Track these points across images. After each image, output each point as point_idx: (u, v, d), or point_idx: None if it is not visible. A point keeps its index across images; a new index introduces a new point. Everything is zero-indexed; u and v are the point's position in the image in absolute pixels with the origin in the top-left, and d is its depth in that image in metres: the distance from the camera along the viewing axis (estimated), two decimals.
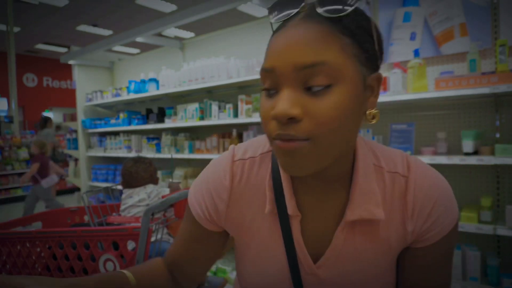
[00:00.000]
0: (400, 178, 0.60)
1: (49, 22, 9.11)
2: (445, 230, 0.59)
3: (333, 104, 0.47)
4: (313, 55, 0.47)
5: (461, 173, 2.35)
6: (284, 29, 0.50)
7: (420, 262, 0.62)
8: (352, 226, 0.60)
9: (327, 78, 0.47)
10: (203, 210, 0.67)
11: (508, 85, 1.84)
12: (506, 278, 1.93)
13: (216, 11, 3.04)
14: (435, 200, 0.58)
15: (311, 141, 0.48)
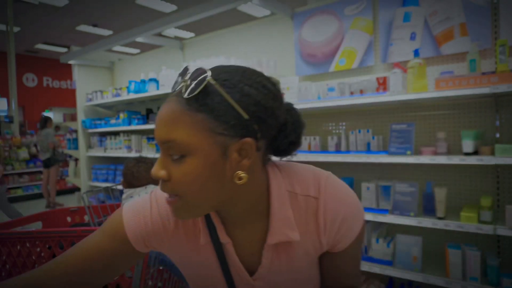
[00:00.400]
0: (312, 200, 0.68)
1: (49, 22, 9.11)
2: (353, 237, 0.71)
3: (185, 171, 0.58)
4: (166, 134, 0.58)
5: (461, 173, 2.35)
6: (164, 102, 0.61)
7: (337, 262, 0.75)
8: (275, 247, 0.70)
9: (178, 151, 0.57)
10: (147, 229, 0.71)
11: (508, 85, 1.84)
12: (506, 278, 1.93)
13: (216, 11, 3.04)
14: (341, 217, 0.68)
15: (179, 197, 0.60)
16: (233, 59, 3.26)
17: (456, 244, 2.14)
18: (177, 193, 0.60)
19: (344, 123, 2.86)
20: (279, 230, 0.67)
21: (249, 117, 0.57)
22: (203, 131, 0.56)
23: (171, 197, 0.61)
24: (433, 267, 2.23)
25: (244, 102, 0.57)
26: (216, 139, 0.57)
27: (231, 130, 0.57)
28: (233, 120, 0.57)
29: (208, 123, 0.56)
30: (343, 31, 2.80)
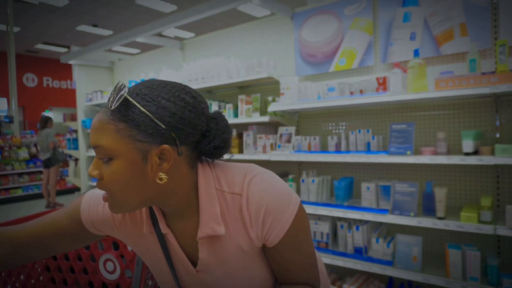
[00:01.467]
0: (237, 197, 0.74)
1: (49, 22, 9.11)
2: (284, 230, 0.73)
3: (112, 172, 0.67)
4: (95, 139, 0.67)
5: (461, 173, 2.35)
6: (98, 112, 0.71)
7: (279, 257, 0.77)
8: (210, 241, 0.76)
9: (105, 154, 0.67)
10: (97, 217, 0.83)
11: (508, 85, 1.84)
12: (506, 278, 1.93)
13: (216, 11, 3.04)
14: (264, 210, 0.72)
15: (109, 194, 0.69)
16: (233, 59, 3.26)
17: (456, 244, 2.14)
18: (107, 190, 0.69)
19: (344, 123, 2.86)
20: (207, 224, 0.73)
21: (165, 126, 0.66)
22: (125, 138, 0.65)
23: (106, 194, 0.70)
24: (433, 267, 2.23)
25: (160, 114, 0.66)
26: (136, 145, 0.66)
27: (150, 138, 0.66)
28: (150, 129, 0.65)
29: (128, 131, 0.65)
30: (343, 31, 2.80)
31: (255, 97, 3.07)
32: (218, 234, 0.74)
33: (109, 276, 1.40)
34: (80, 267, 1.45)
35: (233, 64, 3.22)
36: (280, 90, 2.78)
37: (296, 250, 0.77)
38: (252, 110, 3.07)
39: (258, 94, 3.10)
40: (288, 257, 0.77)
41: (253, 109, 3.07)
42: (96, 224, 0.83)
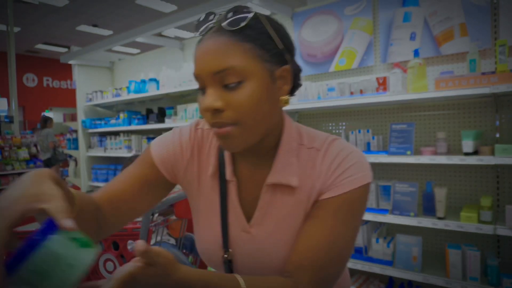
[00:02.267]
0: (315, 152, 0.72)
1: (49, 22, 9.10)
2: (351, 184, 0.67)
3: (247, 95, 0.62)
4: (222, 63, 0.61)
5: (461, 173, 2.35)
6: (201, 42, 0.65)
7: (316, 220, 0.69)
8: (273, 190, 0.72)
9: (236, 77, 0.61)
10: (168, 155, 0.78)
11: (508, 85, 1.84)
12: (506, 278, 1.93)
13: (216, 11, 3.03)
14: (340, 160, 0.69)
15: (239, 125, 0.63)
16: None
17: (456, 244, 2.14)
18: (236, 120, 0.62)
19: (344, 123, 2.86)
20: (280, 172, 0.71)
21: (283, 47, 0.66)
22: (254, 58, 0.62)
23: (226, 127, 0.63)
24: (433, 267, 2.23)
25: (279, 34, 0.65)
26: (265, 65, 0.63)
27: (274, 58, 0.64)
28: (273, 49, 0.64)
29: (255, 51, 0.62)
30: (343, 31, 2.80)
31: None
32: (290, 185, 0.70)
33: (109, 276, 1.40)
34: None
35: None
36: None
37: (338, 223, 0.67)
38: None
39: None
40: (323, 226, 0.67)
41: None
42: (167, 164, 0.78)
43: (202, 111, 0.64)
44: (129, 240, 1.39)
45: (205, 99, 0.63)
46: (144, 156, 0.80)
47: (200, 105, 0.65)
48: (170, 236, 1.78)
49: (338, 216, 0.68)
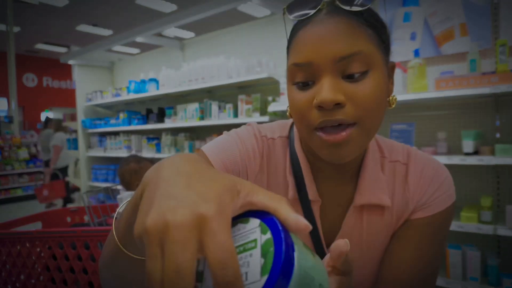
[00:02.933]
0: (400, 166, 0.64)
1: (49, 22, 9.11)
2: (446, 201, 0.61)
3: (372, 88, 0.51)
4: (349, 47, 0.49)
5: (461, 173, 2.35)
6: (312, 24, 0.52)
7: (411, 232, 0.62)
8: (360, 212, 0.63)
9: (363, 65, 0.50)
10: (235, 161, 0.62)
11: (508, 85, 1.84)
12: (506, 278, 1.93)
13: (216, 11, 3.04)
14: (431, 178, 0.62)
15: (358, 125, 0.51)
16: (233, 59, 3.26)
17: (456, 244, 2.14)
18: (357, 118, 0.51)
19: None
20: (369, 191, 0.61)
21: (388, 42, 0.56)
22: (377, 46, 0.52)
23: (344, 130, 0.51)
24: None
25: (387, 27, 0.57)
26: (383, 56, 0.54)
27: (387, 50, 0.55)
28: (386, 40, 0.55)
29: (376, 39, 0.53)
30: None
31: (255, 97, 3.07)
32: (382, 204, 0.61)
33: None
34: (80, 267, 1.45)
35: (233, 64, 3.22)
36: (280, 90, 2.78)
37: (432, 244, 0.61)
38: (252, 110, 3.07)
39: (258, 94, 3.10)
40: (417, 249, 0.60)
41: (253, 109, 3.07)
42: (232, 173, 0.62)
43: (305, 109, 0.52)
44: None
45: (321, 91, 0.49)
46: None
47: (301, 101, 0.52)
48: None
49: (431, 237, 0.62)
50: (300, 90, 0.53)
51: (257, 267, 0.30)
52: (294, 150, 0.64)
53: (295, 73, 0.53)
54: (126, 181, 1.89)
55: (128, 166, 1.89)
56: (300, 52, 0.52)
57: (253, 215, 0.34)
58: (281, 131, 0.68)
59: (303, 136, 0.56)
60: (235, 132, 0.66)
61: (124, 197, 1.82)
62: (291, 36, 0.56)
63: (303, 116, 0.53)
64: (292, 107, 0.54)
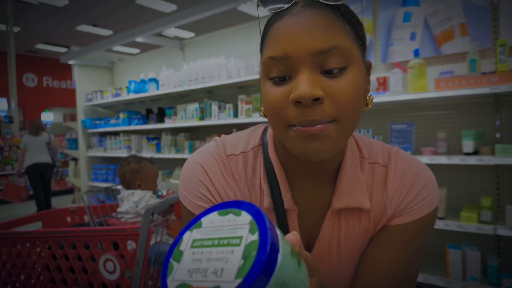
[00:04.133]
0: (380, 168, 0.62)
1: (49, 22, 9.11)
2: (427, 207, 0.59)
3: (351, 84, 0.49)
4: (328, 40, 0.48)
5: (461, 173, 2.35)
6: (288, 17, 0.50)
7: (385, 248, 0.60)
8: (337, 216, 0.61)
9: (342, 61, 0.48)
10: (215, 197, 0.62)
11: (508, 85, 1.84)
12: (506, 278, 1.93)
13: (216, 11, 3.04)
14: (411, 182, 0.60)
15: (335, 122, 0.49)
16: (233, 59, 3.26)
17: (456, 244, 2.14)
18: (335, 115, 0.49)
19: None
20: (346, 194, 0.59)
21: (364, 41, 0.54)
22: (353, 41, 0.50)
23: (323, 124, 0.48)
24: (433, 267, 2.23)
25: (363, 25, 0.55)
26: (360, 53, 0.52)
27: (363, 48, 0.54)
28: (363, 37, 0.54)
29: (353, 35, 0.51)
30: None
31: (255, 97, 3.07)
32: (361, 207, 0.59)
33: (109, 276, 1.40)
34: (80, 267, 1.45)
35: (233, 64, 3.22)
36: None
37: (411, 250, 0.60)
38: (252, 110, 3.07)
39: (258, 94, 3.10)
40: (396, 255, 0.59)
41: (253, 109, 3.07)
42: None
43: (281, 105, 0.50)
44: (129, 240, 1.39)
45: (299, 86, 0.47)
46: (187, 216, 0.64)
47: (276, 97, 0.50)
48: (170, 237, 1.78)
49: (410, 243, 0.60)
50: (276, 85, 0.51)
51: (234, 267, 0.30)
52: (268, 158, 0.62)
53: (271, 67, 0.50)
54: (126, 181, 1.89)
55: (129, 166, 1.89)
56: (277, 44, 0.49)
57: (247, 207, 0.34)
58: (253, 141, 0.66)
59: (278, 133, 0.53)
60: (198, 161, 0.63)
61: (125, 197, 1.82)
62: (266, 29, 0.54)
63: (278, 112, 0.50)
64: (267, 103, 0.52)
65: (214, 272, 0.30)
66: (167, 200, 1.43)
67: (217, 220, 0.35)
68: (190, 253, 0.34)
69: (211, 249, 0.32)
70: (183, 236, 0.36)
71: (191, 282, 0.31)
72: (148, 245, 1.35)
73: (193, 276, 0.31)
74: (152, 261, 1.52)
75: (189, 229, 0.37)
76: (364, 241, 0.63)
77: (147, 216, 1.35)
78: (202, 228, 0.36)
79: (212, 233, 0.34)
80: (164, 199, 1.43)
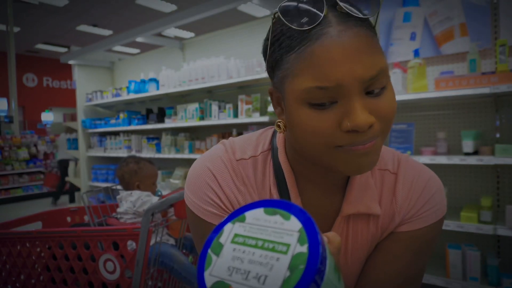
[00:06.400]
0: (389, 175, 0.62)
1: (49, 22, 9.10)
2: (435, 215, 0.60)
3: (391, 99, 0.50)
4: (376, 65, 0.47)
5: (461, 173, 2.35)
6: (329, 39, 0.46)
7: (396, 245, 0.61)
8: (346, 221, 0.61)
9: (384, 81, 0.49)
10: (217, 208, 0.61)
11: (508, 85, 1.84)
12: (506, 278, 1.93)
13: (216, 11, 3.04)
14: (420, 191, 0.60)
15: (380, 136, 0.51)
16: (233, 59, 3.26)
17: (456, 244, 2.14)
18: (380, 132, 0.50)
19: None
20: (357, 199, 0.59)
21: None
22: (384, 54, 0.51)
23: (369, 141, 0.49)
24: (433, 267, 2.23)
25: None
26: None
27: None
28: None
29: (380, 46, 0.51)
30: None
31: (255, 97, 3.07)
32: (372, 213, 0.59)
33: (109, 276, 1.40)
34: (80, 267, 1.45)
35: (233, 64, 3.22)
36: None
37: (416, 258, 0.60)
38: (252, 110, 3.07)
39: (258, 94, 3.10)
40: (401, 263, 0.60)
41: (253, 109, 3.07)
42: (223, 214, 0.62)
43: (329, 132, 0.48)
44: (129, 240, 1.39)
45: (355, 115, 0.46)
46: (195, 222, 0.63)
47: (324, 124, 0.48)
48: (170, 236, 1.78)
49: (416, 251, 0.60)
50: (318, 111, 0.48)
51: (279, 277, 0.28)
52: (278, 162, 0.61)
53: (315, 96, 0.47)
54: (125, 181, 1.89)
55: (128, 167, 1.88)
56: (325, 73, 0.46)
57: (297, 212, 0.33)
58: (262, 145, 0.65)
59: (317, 155, 0.51)
60: (207, 167, 0.61)
61: (124, 197, 1.82)
62: (294, 46, 0.48)
63: (323, 137, 0.49)
64: (306, 129, 0.49)
65: (257, 277, 0.29)
66: (167, 200, 1.43)
67: (262, 218, 0.34)
68: (231, 248, 0.32)
69: (254, 250, 0.31)
70: (224, 228, 0.35)
71: (231, 282, 0.30)
72: (148, 245, 1.35)
73: (233, 276, 0.30)
74: (152, 261, 1.52)
75: (231, 220, 0.35)
76: (370, 246, 0.63)
77: (147, 216, 1.35)
78: (246, 223, 0.34)
79: (256, 232, 0.33)
80: (164, 199, 1.43)
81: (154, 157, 3.97)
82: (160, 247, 1.57)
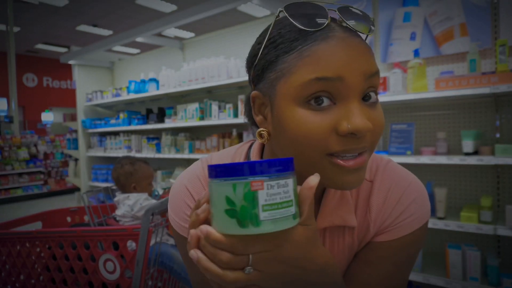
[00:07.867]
0: (366, 183, 0.60)
1: (49, 22, 9.10)
2: (413, 225, 0.57)
3: (382, 114, 0.50)
4: (374, 64, 0.48)
5: (461, 173, 2.35)
6: (335, 40, 0.46)
7: (374, 255, 0.59)
8: (323, 234, 0.60)
9: (377, 87, 0.49)
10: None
11: (508, 85, 1.84)
12: (506, 278, 1.93)
13: (216, 11, 3.04)
14: (397, 199, 0.58)
15: (368, 150, 0.49)
16: (233, 59, 3.26)
17: (456, 244, 2.14)
18: (372, 144, 0.49)
19: None
20: (331, 212, 0.57)
21: None
22: None
23: (362, 155, 0.48)
24: (433, 267, 2.23)
25: None
26: None
27: None
28: None
29: None
30: None
31: None
32: (348, 225, 0.57)
33: (109, 276, 1.40)
34: (80, 267, 1.45)
35: (233, 64, 3.22)
36: None
37: (396, 267, 0.58)
38: None
39: None
40: (380, 273, 0.58)
41: None
42: None
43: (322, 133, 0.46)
44: (129, 240, 1.39)
45: (355, 117, 0.45)
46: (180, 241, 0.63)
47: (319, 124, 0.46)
48: (170, 237, 1.78)
49: (396, 260, 0.58)
50: (314, 112, 0.46)
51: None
52: None
53: (313, 90, 0.46)
54: (121, 183, 1.88)
55: (123, 169, 1.87)
56: (326, 65, 0.45)
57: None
58: (238, 159, 0.65)
59: (310, 162, 0.49)
60: (186, 189, 0.62)
61: (121, 200, 1.82)
62: (300, 49, 0.47)
63: (316, 141, 0.46)
64: (301, 131, 0.47)
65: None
66: (166, 200, 1.43)
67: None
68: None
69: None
70: None
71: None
72: (148, 245, 1.35)
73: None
74: (152, 261, 1.52)
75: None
76: (348, 257, 0.61)
77: (147, 216, 1.35)
78: None
79: None
80: (164, 199, 1.43)
81: (154, 157, 3.98)
82: (160, 247, 1.57)
